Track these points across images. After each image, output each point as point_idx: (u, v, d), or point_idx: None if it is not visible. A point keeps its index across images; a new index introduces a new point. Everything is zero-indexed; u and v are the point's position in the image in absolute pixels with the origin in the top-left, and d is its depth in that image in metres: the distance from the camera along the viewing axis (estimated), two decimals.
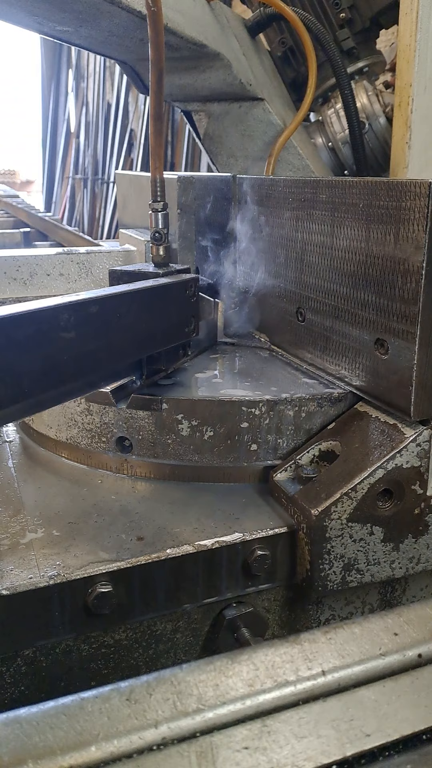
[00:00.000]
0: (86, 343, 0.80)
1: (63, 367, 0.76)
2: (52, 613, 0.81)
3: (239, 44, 1.99)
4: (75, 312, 0.76)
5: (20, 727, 0.55)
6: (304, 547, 0.89)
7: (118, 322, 0.87)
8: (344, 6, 2.16)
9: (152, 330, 0.98)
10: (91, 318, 0.80)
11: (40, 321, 0.72)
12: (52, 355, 0.74)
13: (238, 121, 2.05)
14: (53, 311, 0.74)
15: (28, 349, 0.70)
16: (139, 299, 0.93)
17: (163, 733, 0.56)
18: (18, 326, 0.68)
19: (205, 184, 1.48)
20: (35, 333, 0.71)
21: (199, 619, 0.91)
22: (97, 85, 8.53)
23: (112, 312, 0.85)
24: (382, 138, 2.23)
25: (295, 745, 0.56)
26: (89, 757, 0.53)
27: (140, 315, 0.93)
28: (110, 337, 0.85)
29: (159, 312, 0.99)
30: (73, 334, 0.76)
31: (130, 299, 0.90)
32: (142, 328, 0.94)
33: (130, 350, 0.93)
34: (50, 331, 0.73)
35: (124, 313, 0.88)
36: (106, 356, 0.85)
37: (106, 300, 0.84)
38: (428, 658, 0.66)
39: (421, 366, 0.87)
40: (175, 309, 1.05)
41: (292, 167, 2.12)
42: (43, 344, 0.72)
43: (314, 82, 2.00)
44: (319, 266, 1.07)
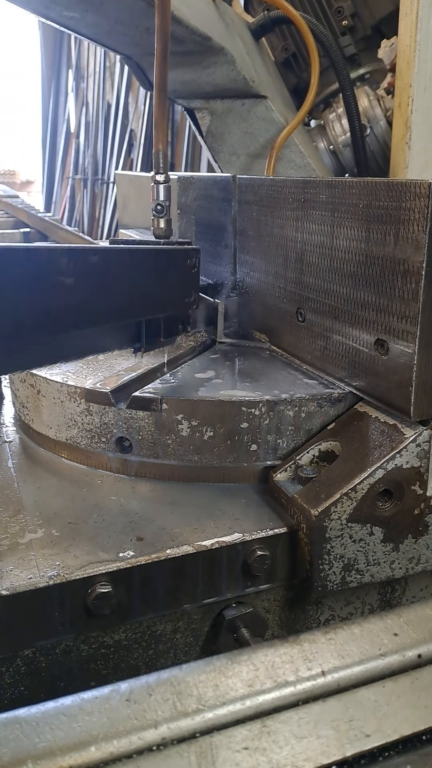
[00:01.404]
0: (85, 293, 0.79)
1: (61, 313, 0.76)
2: (52, 613, 0.81)
3: (243, 44, 1.99)
4: (75, 258, 0.76)
5: (20, 728, 0.55)
6: (304, 547, 0.89)
7: (118, 278, 0.87)
8: (346, 14, 2.19)
9: (152, 293, 0.98)
10: (91, 268, 0.80)
11: (38, 260, 0.71)
12: (50, 299, 0.74)
13: (240, 119, 2.05)
14: (52, 253, 0.74)
15: (26, 286, 0.70)
16: (140, 259, 0.93)
17: (163, 734, 0.56)
18: (16, 261, 0.68)
19: (205, 184, 1.49)
20: (33, 271, 0.71)
21: (198, 619, 0.91)
22: (97, 85, 8.53)
23: (112, 266, 0.85)
24: (383, 141, 2.24)
25: (295, 745, 0.56)
26: (89, 758, 0.53)
27: (141, 275, 0.92)
28: (110, 292, 0.85)
29: (159, 276, 0.99)
30: (72, 281, 0.76)
31: (130, 257, 0.90)
32: (143, 290, 0.94)
33: (129, 309, 0.92)
34: (49, 273, 0.73)
35: (124, 270, 0.88)
36: (105, 311, 0.85)
37: (107, 252, 0.84)
38: (428, 659, 0.66)
39: (421, 366, 0.87)
40: (175, 276, 1.04)
41: (293, 165, 2.13)
42: (42, 285, 0.72)
43: (317, 80, 2.01)
44: (319, 266, 1.07)
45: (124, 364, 1.17)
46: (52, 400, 1.08)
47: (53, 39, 9.51)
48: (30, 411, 1.15)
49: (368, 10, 2.20)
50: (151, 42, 1.11)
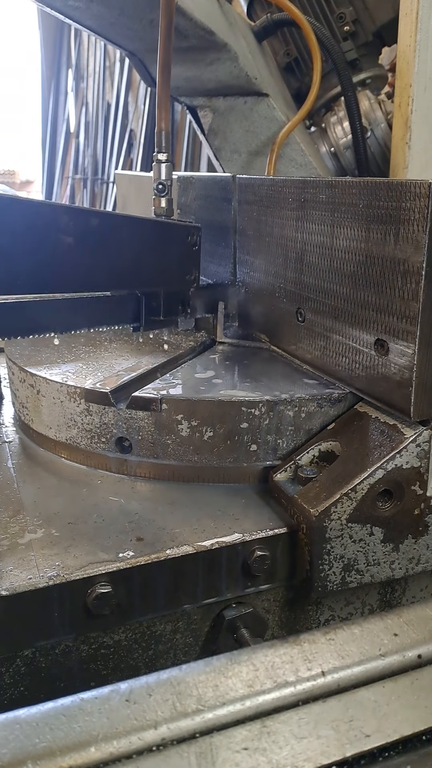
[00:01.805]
0: (85, 255, 0.80)
1: (61, 272, 0.76)
2: (52, 613, 0.81)
3: (246, 43, 1.99)
4: (75, 218, 0.77)
5: (20, 728, 0.55)
6: (304, 547, 0.89)
7: (118, 245, 0.87)
8: (348, 19, 2.21)
9: (152, 265, 0.98)
10: (92, 231, 0.81)
11: (39, 213, 0.72)
12: (50, 256, 0.74)
13: (242, 117, 2.06)
14: (53, 209, 0.75)
15: (25, 237, 0.70)
16: (141, 229, 0.93)
17: (163, 734, 0.56)
18: (17, 210, 0.69)
19: (205, 184, 1.48)
20: (34, 223, 0.71)
21: (198, 619, 0.91)
22: (96, 85, 8.52)
23: (113, 232, 0.85)
24: (384, 143, 2.25)
25: (295, 745, 0.56)
26: (89, 758, 0.53)
27: (141, 246, 0.93)
28: (110, 258, 0.86)
29: (160, 249, 0.99)
30: (72, 241, 0.77)
31: (131, 226, 0.91)
32: (143, 261, 0.94)
33: (129, 279, 0.93)
34: (49, 228, 0.74)
35: (125, 238, 0.88)
36: (104, 277, 0.85)
37: (108, 218, 0.84)
38: (428, 659, 0.66)
39: (421, 366, 0.87)
40: (176, 252, 1.05)
41: (294, 164, 2.13)
42: (42, 239, 0.73)
43: (318, 78, 2.01)
44: (319, 266, 1.07)
45: (124, 364, 1.17)
46: (51, 400, 1.08)
47: (53, 39, 9.50)
48: (30, 411, 1.15)
49: (369, 16, 2.23)
50: (155, 36, 1.12)
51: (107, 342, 1.34)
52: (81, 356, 1.22)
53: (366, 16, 2.23)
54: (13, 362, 1.19)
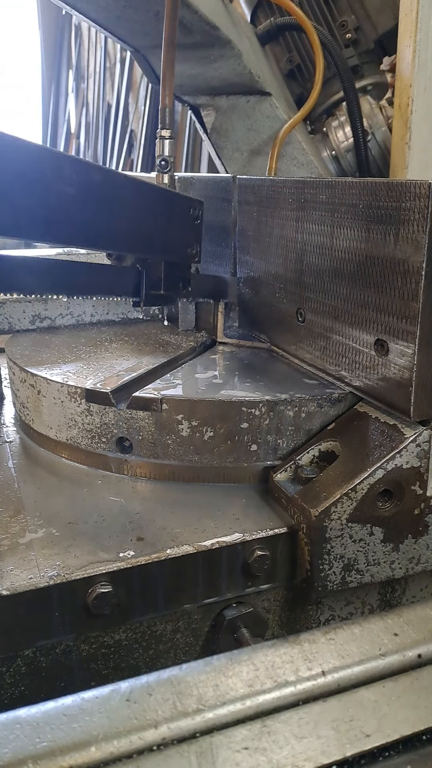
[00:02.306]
0: (87, 209, 0.80)
1: (63, 222, 0.76)
2: (52, 613, 0.81)
3: (249, 43, 2.00)
4: (78, 170, 0.77)
5: (20, 728, 0.55)
6: (304, 547, 0.89)
7: (120, 204, 0.87)
8: (350, 27, 2.25)
9: (154, 232, 0.98)
10: (94, 186, 0.81)
11: (41, 158, 0.71)
12: (52, 204, 0.74)
13: (245, 116, 2.07)
14: (56, 157, 0.75)
15: (28, 179, 0.70)
16: (144, 193, 0.94)
17: (163, 734, 0.56)
18: (20, 153, 0.68)
19: (205, 184, 1.48)
20: (35, 168, 0.71)
21: (199, 619, 0.91)
22: (97, 85, 8.53)
23: (116, 190, 0.85)
24: (384, 147, 2.27)
25: (295, 745, 0.56)
26: (89, 758, 0.53)
27: (144, 210, 0.93)
28: (111, 216, 0.85)
29: (162, 216, 0.99)
30: (74, 192, 0.76)
31: (134, 188, 0.91)
32: (145, 225, 0.95)
33: (130, 241, 0.93)
34: (51, 176, 0.74)
35: (127, 199, 0.88)
36: (106, 234, 0.85)
37: (112, 175, 0.85)
38: (428, 659, 0.66)
39: (421, 366, 0.87)
40: (178, 223, 1.05)
41: (296, 162, 2.14)
42: (44, 186, 0.72)
43: (320, 76, 2.02)
44: (319, 266, 1.07)
45: (125, 364, 1.18)
46: (52, 401, 1.08)
47: (53, 39, 9.51)
48: (30, 411, 1.15)
49: (371, 24, 2.26)
50: (160, 30, 1.13)
51: (108, 342, 1.34)
52: (81, 356, 1.22)
53: (367, 24, 2.26)
54: (13, 362, 1.19)
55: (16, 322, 1.42)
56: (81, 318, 1.47)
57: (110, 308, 1.50)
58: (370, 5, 2.23)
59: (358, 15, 2.24)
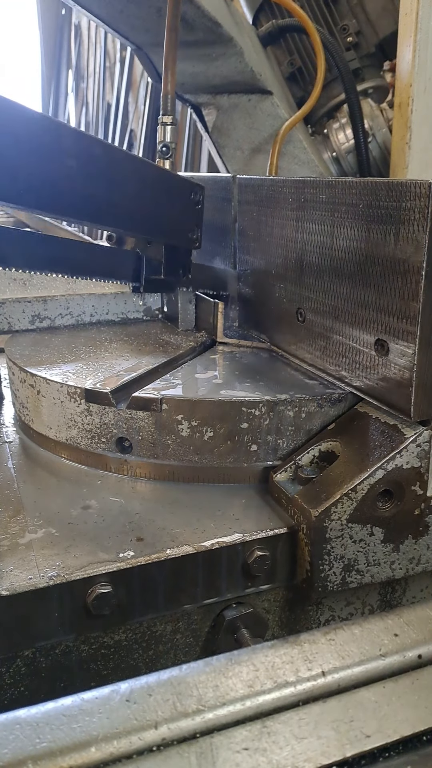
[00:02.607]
0: (87, 183, 0.80)
1: (63, 193, 0.76)
2: (52, 613, 0.81)
3: (251, 42, 2.00)
4: (79, 140, 0.77)
5: (20, 728, 0.55)
6: (304, 547, 0.89)
7: (121, 180, 0.87)
8: (351, 31, 2.28)
9: (154, 211, 0.98)
10: (96, 159, 0.81)
11: (42, 126, 0.71)
12: (52, 173, 0.74)
13: (246, 115, 2.08)
14: (57, 126, 0.75)
15: (28, 146, 0.70)
16: (145, 171, 0.93)
17: (163, 734, 0.56)
18: (21, 117, 0.68)
19: (205, 184, 1.48)
20: (37, 135, 0.71)
21: (198, 619, 0.91)
22: (96, 85, 8.53)
23: (116, 165, 0.85)
24: (384, 148, 2.29)
25: (295, 746, 0.56)
26: (89, 758, 0.53)
27: (144, 187, 0.93)
28: (112, 191, 0.85)
29: (163, 197, 0.99)
30: (75, 164, 0.76)
31: (135, 165, 0.91)
32: (145, 204, 0.95)
33: (131, 219, 0.92)
34: (52, 146, 0.73)
35: (128, 175, 0.88)
36: (106, 209, 0.85)
37: (111, 150, 0.85)
38: (428, 659, 0.66)
39: (421, 366, 0.87)
40: (179, 205, 1.05)
41: (297, 161, 2.14)
42: (44, 154, 0.72)
43: (322, 76, 2.02)
44: (319, 266, 1.07)
45: (125, 364, 1.17)
46: (52, 401, 1.08)
47: (53, 39, 9.51)
48: (30, 411, 1.15)
49: (372, 28, 2.29)
50: (162, 26, 1.14)
51: (107, 342, 1.34)
52: (81, 356, 1.22)
53: (368, 29, 2.28)
54: (13, 362, 1.19)
55: (15, 322, 1.42)
56: (81, 318, 1.47)
57: (110, 308, 1.50)
58: (371, 10, 2.25)
59: (359, 19, 2.27)
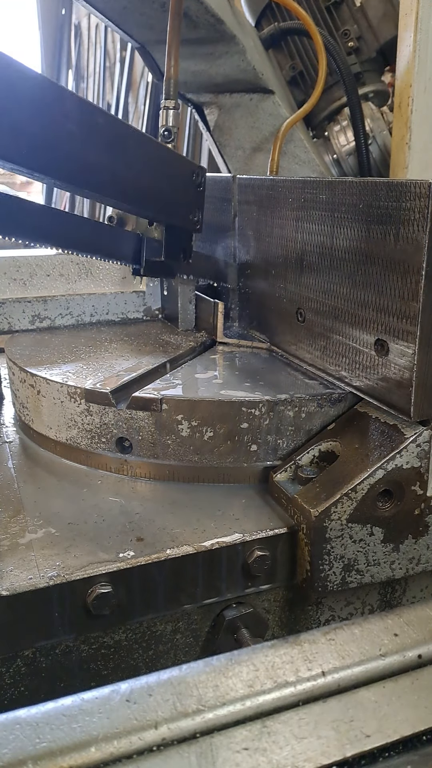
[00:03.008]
0: (88, 150, 0.79)
1: (64, 159, 0.75)
2: (52, 613, 0.81)
3: (253, 42, 2.01)
4: (80, 107, 0.77)
5: (20, 728, 0.55)
6: (304, 547, 0.89)
7: (123, 153, 0.86)
8: (352, 36, 2.30)
9: (156, 189, 0.97)
10: (97, 128, 0.80)
11: (44, 86, 0.71)
12: (54, 137, 0.73)
13: (248, 114, 2.08)
14: (60, 90, 0.74)
15: (29, 105, 0.69)
16: (147, 147, 0.93)
17: (163, 734, 0.56)
18: (22, 75, 0.68)
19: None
20: (37, 95, 0.70)
21: (199, 619, 0.91)
22: (97, 85, 8.52)
23: (119, 137, 0.85)
24: (385, 149, 2.30)
25: (295, 745, 0.56)
26: (89, 758, 0.53)
27: (147, 163, 0.93)
28: (113, 163, 0.85)
29: (165, 175, 0.99)
30: (76, 130, 0.76)
31: (138, 139, 0.90)
32: (147, 180, 0.94)
33: (132, 192, 0.92)
34: (53, 108, 0.73)
35: (131, 149, 0.88)
36: (107, 181, 0.84)
37: (115, 122, 0.84)
38: (428, 659, 0.66)
39: (421, 366, 0.87)
40: (180, 184, 1.05)
41: (298, 160, 2.15)
42: (45, 116, 0.72)
43: (324, 75, 2.02)
44: (319, 266, 1.07)
45: (125, 364, 1.18)
46: (52, 401, 1.08)
47: (53, 39, 9.50)
48: (30, 411, 1.15)
49: (373, 34, 2.30)
50: (165, 24, 1.14)
51: (107, 342, 1.34)
52: (81, 356, 1.22)
53: (369, 34, 2.30)
54: (13, 362, 1.19)
55: (15, 322, 1.42)
56: (81, 318, 1.47)
57: (110, 308, 1.50)
58: (372, 15, 2.27)
59: (360, 24, 2.29)
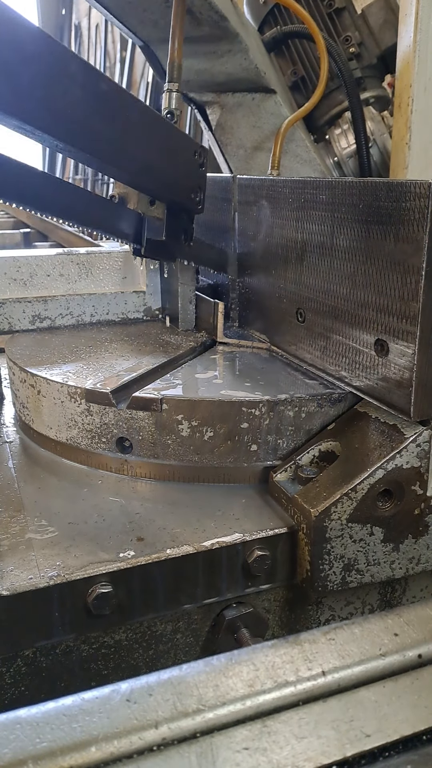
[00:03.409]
0: (91, 115, 0.79)
1: (69, 119, 0.75)
2: (53, 613, 0.81)
3: (256, 42, 2.01)
4: (84, 70, 0.76)
5: (20, 728, 0.55)
6: (304, 547, 0.89)
7: (125, 122, 0.86)
8: (354, 42, 2.32)
9: (158, 162, 0.98)
10: (101, 94, 0.80)
11: (50, 46, 0.71)
12: (57, 98, 0.73)
13: (250, 113, 2.09)
14: (64, 50, 0.74)
15: (34, 62, 0.69)
16: (150, 118, 0.93)
17: (163, 734, 0.56)
18: (27, 33, 0.68)
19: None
20: (43, 54, 0.70)
21: (199, 619, 0.91)
22: None
23: (122, 106, 0.85)
24: (385, 152, 2.31)
25: (296, 745, 0.56)
26: (89, 758, 0.53)
27: (149, 136, 0.93)
28: (115, 131, 0.85)
29: (167, 150, 0.99)
30: (80, 94, 0.76)
31: (140, 112, 0.90)
32: (149, 152, 0.94)
33: (134, 163, 0.92)
34: (58, 69, 0.73)
35: (134, 119, 0.88)
36: (110, 147, 0.84)
37: (118, 90, 0.84)
38: (428, 659, 0.66)
39: (421, 366, 0.87)
40: (183, 161, 1.06)
41: (299, 159, 2.15)
42: (50, 74, 0.71)
43: (325, 74, 2.02)
44: (319, 266, 1.07)
45: (125, 364, 1.18)
46: (52, 401, 1.08)
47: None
48: (30, 411, 1.15)
49: (374, 40, 2.33)
50: (169, 21, 1.16)
51: (108, 342, 1.34)
52: (81, 356, 1.22)
53: (371, 40, 2.33)
54: (13, 362, 1.19)
55: (16, 322, 1.42)
56: (81, 318, 1.47)
57: (110, 308, 1.50)
58: (373, 22, 2.30)
59: (361, 31, 2.32)
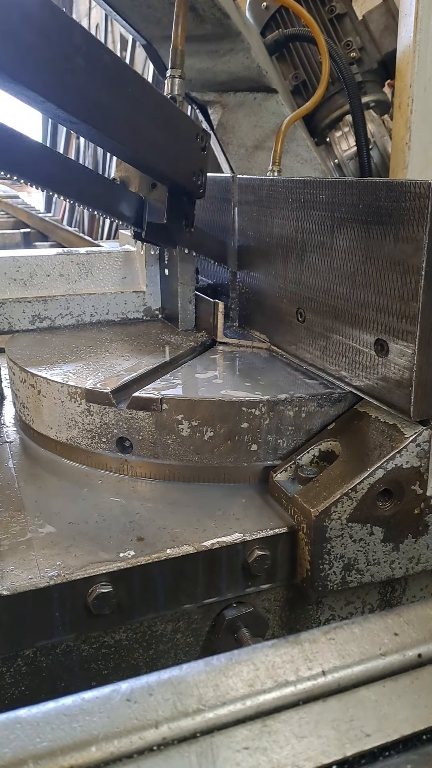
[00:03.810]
0: (94, 88, 0.79)
1: (72, 88, 0.75)
2: (53, 613, 0.81)
3: (258, 43, 2.02)
4: (88, 43, 0.76)
5: (21, 728, 0.55)
6: (304, 547, 0.89)
7: (127, 99, 0.87)
8: (355, 47, 2.33)
9: (158, 140, 0.98)
10: (104, 66, 0.81)
11: (55, 13, 0.71)
12: (59, 66, 0.73)
13: (251, 113, 2.10)
14: (70, 21, 0.74)
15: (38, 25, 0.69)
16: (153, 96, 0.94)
17: (164, 734, 0.56)
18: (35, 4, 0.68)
19: None
20: (48, 20, 0.70)
21: (199, 619, 0.91)
22: None
23: (125, 80, 0.85)
24: (385, 154, 2.32)
25: (296, 745, 0.56)
26: (89, 758, 0.53)
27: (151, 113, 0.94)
28: (118, 107, 0.85)
29: (169, 130, 0.99)
30: (83, 65, 0.76)
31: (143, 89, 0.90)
32: (150, 129, 0.95)
33: (135, 136, 0.92)
34: (62, 37, 0.73)
35: (135, 94, 0.88)
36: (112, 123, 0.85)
37: (122, 64, 0.84)
38: (428, 659, 0.66)
39: (421, 366, 0.87)
40: (184, 143, 1.06)
41: (300, 159, 2.16)
42: (53, 41, 0.72)
43: (327, 77, 2.03)
44: (319, 266, 1.07)
45: (125, 364, 1.18)
46: (52, 401, 1.08)
47: None
48: (30, 411, 1.15)
49: (375, 45, 2.36)
50: (171, 19, 1.17)
51: (108, 342, 1.34)
52: (82, 356, 1.22)
53: (371, 46, 2.35)
54: (13, 362, 1.19)
55: (16, 322, 1.42)
56: (81, 318, 1.47)
57: (110, 308, 1.50)
58: (374, 28, 2.32)
59: (362, 36, 2.34)
